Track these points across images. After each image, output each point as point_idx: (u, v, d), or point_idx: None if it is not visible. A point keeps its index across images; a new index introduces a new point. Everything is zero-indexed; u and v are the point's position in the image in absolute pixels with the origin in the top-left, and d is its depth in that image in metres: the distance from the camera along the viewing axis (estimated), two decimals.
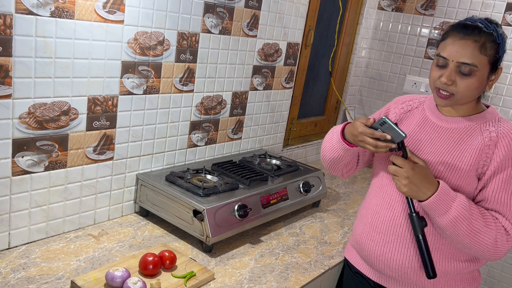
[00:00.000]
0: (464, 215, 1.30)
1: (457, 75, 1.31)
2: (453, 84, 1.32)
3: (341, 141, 1.46)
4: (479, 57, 1.29)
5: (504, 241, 1.32)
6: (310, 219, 2.11)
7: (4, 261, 1.44)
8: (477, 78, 1.31)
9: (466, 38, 1.30)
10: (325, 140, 1.59)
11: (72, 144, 1.58)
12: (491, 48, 1.30)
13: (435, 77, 1.36)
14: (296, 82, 2.62)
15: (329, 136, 1.56)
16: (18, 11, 1.33)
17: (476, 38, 1.29)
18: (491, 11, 2.67)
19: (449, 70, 1.32)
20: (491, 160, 1.34)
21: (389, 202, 1.47)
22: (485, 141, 1.36)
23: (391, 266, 1.47)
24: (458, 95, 1.33)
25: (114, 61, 1.62)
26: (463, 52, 1.30)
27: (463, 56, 1.30)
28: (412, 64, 3.01)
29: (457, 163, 1.37)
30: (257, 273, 1.60)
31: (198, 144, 2.08)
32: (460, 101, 1.36)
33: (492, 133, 1.36)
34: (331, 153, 1.53)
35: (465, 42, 1.30)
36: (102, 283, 1.36)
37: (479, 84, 1.32)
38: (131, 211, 1.88)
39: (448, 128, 1.43)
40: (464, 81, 1.31)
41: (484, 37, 1.29)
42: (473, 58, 1.29)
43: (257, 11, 2.13)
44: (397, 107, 1.56)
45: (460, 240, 1.33)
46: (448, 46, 1.33)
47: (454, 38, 1.32)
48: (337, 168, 1.60)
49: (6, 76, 1.35)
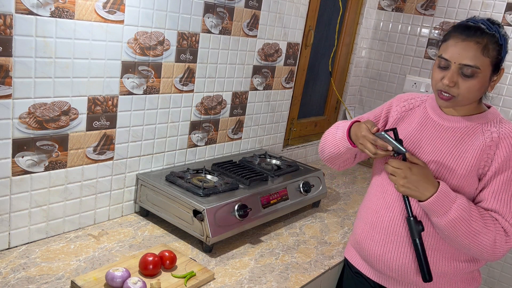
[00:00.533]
0: (463, 217, 1.30)
1: (459, 77, 1.31)
2: (455, 86, 1.32)
3: (346, 139, 1.47)
4: (482, 59, 1.29)
5: (503, 242, 1.32)
6: (310, 219, 2.11)
7: (4, 261, 1.44)
8: (479, 80, 1.31)
9: (469, 40, 1.29)
10: (328, 134, 1.59)
11: (72, 144, 1.58)
12: (494, 49, 1.29)
13: (437, 79, 1.35)
14: (296, 82, 2.62)
15: (333, 130, 1.56)
16: (18, 11, 1.33)
17: (478, 40, 1.28)
18: (491, 11, 2.67)
19: (451, 72, 1.31)
20: (492, 161, 1.34)
21: (389, 202, 1.47)
22: (487, 141, 1.35)
23: (391, 266, 1.47)
24: (460, 97, 1.33)
25: (114, 61, 1.62)
26: (465, 54, 1.29)
27: (465, 58, 1.29)
28: (412, 64, 3.01)
29: (457, 163, 1.37)
30: (257, 273, 1.60)
31: (198, 144, 2.08)
32: (461, 102, 1.35)
33: (494, 134, 1.36)
34: (332, 148, 1.54)
35: (468, 44, 1.29)
36: (102, 283, 1.36)
37: (481, 85, 1.32)
38: (131, 211, 1.88)
39: (449, 127, 1.42)
40: (466, 83, 1.31)
41: (487, 38, 1.29)
42: (475, 60, 1.28)
43: (257, 11, 2.13)
44: (399, 105, 1.56)
45: (459, 241, 1.33)
46: (450, 47, 1.32)
47: (456, 39, 1.31)
48: (335, 162, 1.62)
49: (6, 76, 1.35)
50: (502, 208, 1.33)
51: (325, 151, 1.59)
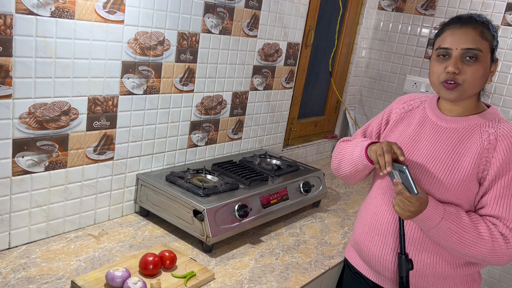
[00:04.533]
0: (452, 229, 1.30)
1: (463, 63, 1.32)
2: (460, 73, 1.32)
3: (365, 158, 1.43)
4: (482, 42, 1.31)
5: (504, 248, 1.30)
6: (310, 219, 2.11)
7: (4, 261, 1.44)
8: (482, 64, 1.32)
9: (466, 26, 1.32)
10: (344, 152, 1.55)
11: (72, 144, 1.58)
12: (489, 34, 1.33)
13: (440, 71, 1.35)
14: (296, 82, 2.62)
15: (349, 149, 1.52)
16: (18, 11, 1.33)
17: (474, 26, 1.32)
18: (491, 11, 2.67)
19: (454, 58, 1.32)
20: (490, 164, 1.33)
21: (389, 204, 1.47)
22: (484, 144, 1.34)
23: (390, 268, 1.47)
24: (466, 84, 1.32)
25: (114, 61, 1.62)
26: (465, 38, 1.31)
27: (466, 42, 1.31)
28: (412, 64, 3.01)
29: (456, 166, 1.36)
30: (257, 273, 1.60)
31: (198, 144, 2.08)
32: (467, 91, 1.34)
33: (491, 136, 1.35)
34: (350, 166, 1.51)
35: (465, 29, 1.32)
36: (102, 283, 1.36)
37: (484, 71, 1.33)
38: (131, 211, 1.88)
39: (447, 128, 1.42)
40: (470, 68, 1.31)
41: (480, 25, 1.32)
42: (476, 43, 1.31)
43: (257, 11, 2.13)
44: (399, 107, 1.56)
45: (457, 250, 1.34)
46: (447, 37, 1.34)
47: (452, 29, 1.34)
48: (352, 179, 1.58)
49: (7, 76, 1.35)
50: (504, 214, 1.32)
51: (342, 170, 1.56)
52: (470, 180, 1.35)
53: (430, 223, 1.32)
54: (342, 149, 1.58)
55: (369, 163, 1.42)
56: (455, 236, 1.31)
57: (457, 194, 1.36)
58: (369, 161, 1.42)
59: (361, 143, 1.48)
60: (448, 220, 1.30)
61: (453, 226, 1.30)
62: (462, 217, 1.32)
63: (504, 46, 2.64)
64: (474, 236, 1.31)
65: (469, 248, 1.32)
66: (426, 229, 1.35)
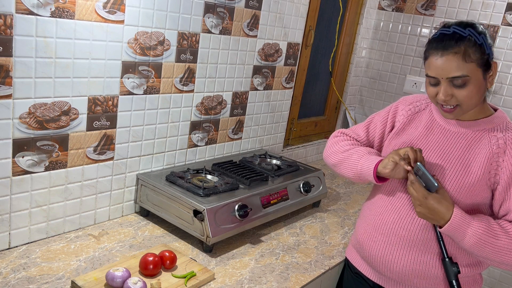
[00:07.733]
0: (482, 239, 1.28)
1: (453, 89, 1.30)
2: (452, 98, 1.31)
3: (372, 177, 1.45)
4: (466, 66, 1.26)
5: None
6: (310, 219, 2.11)
7: (4, 261, 1.44)
8: (473, 85, 1.29)
9: (446, 53, 1.27)
10: (346, 155, 1.56)
11: (73, 144, 1.59)
12: (474, 52, 1.26)
13: (433, 95, 1.35)
14: (296, 82, 2.62)
15: (354, 156, 1.53)
16: (18, 11, 1.33)
17: (455, 50, 1.26)
18: (491, 11, 2.67)
19: (443, 87, 1.30)
20: (501, 168, 1.32)
21: (397, 205, 1.46)
22: (493, 149, 1.34)
23: (392, 268, 1.46)
24: (463, 104, 1.32)
25: (115, 61, 1.62)
26: (448, 67, 1.27)
27: (450, 71, 1.27)
28: (413, 64, 3.01)
29: (466, 171, 1.36)
30: (257, 273, 1.60)
31: (199, 144, 2.08)
32: (467, 109, 1.34)
33: (500, 140, 1.34)
34: (353, 175, 1.53)
35: (447, 58, 1.27)
36: (103, 283, 1.36)
37: (478, 88, 1.30)
38: (131, 211, 1.88)
39: (456, 132, 1.41)
40: (462, 92, 1.29)
41: (463, 45, 1.26)
42: (461, 70, 1.26)
43: (257, 11, 2.13)
44: (405, 108, 1.55)
45: (493, 259, 1.31)
46: (431, 65, 1.31)
47: (435, 56, 1.30)
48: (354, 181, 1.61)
49: (7, 76, 1.35)
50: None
51: (345, 176, 1.57)
52: (480, 185, 1.34)
53: (458, 235, 1.30)
54: (343, 148, 1.59)
55: (376, 181, 1.45)
56: (488, 245, 1.29)
57: (467, 199, 1.35)
58: (376, 179, 1.44)
59: (368, 157, 1.48)
60: (476, 229, 1.28)
61: (483, 235, 1.28)
62: (491, 224, 1.31)
63: (504, 46, 2.64)
64: (508, 242, 1.28)
65: (505, 256, 1.29)
66: (457, 240, 1.33)
